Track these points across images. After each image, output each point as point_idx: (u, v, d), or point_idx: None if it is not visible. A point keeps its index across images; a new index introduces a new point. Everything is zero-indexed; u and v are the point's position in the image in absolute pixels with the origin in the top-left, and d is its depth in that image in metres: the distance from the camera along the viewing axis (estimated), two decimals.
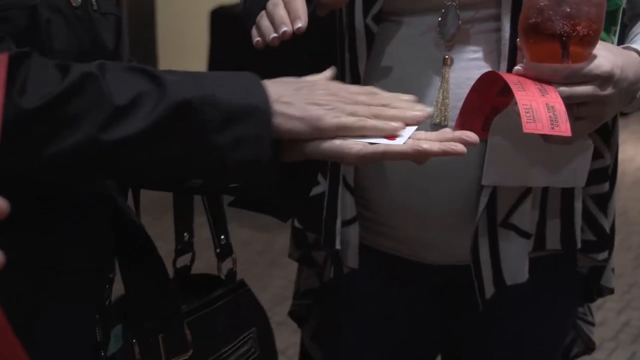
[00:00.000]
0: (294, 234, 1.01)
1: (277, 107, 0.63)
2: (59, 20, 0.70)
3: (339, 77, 0.81)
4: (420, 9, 0.86)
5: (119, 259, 0.72)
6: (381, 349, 1.00)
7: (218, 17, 3.15)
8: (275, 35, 0.77)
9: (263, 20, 0.80)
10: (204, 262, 0.85)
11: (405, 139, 0.62)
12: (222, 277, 0.83)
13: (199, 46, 3.31)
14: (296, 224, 1.00)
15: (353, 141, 0.62)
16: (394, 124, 0.62)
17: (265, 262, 2.59)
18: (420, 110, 0.65)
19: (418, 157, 0.62)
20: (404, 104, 0.66)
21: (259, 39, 0.79)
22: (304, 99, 0.65)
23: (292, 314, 1.08)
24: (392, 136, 0.62)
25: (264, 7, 0.81)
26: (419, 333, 1.00)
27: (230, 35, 2.65)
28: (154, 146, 0.59)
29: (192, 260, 0.83)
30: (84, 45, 0.70)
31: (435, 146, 0.62)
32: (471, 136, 0.64)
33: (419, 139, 0.62)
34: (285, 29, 0.76)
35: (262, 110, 0.63)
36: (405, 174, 0.87)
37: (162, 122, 0.58)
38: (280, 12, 0.78)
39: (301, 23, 0.77)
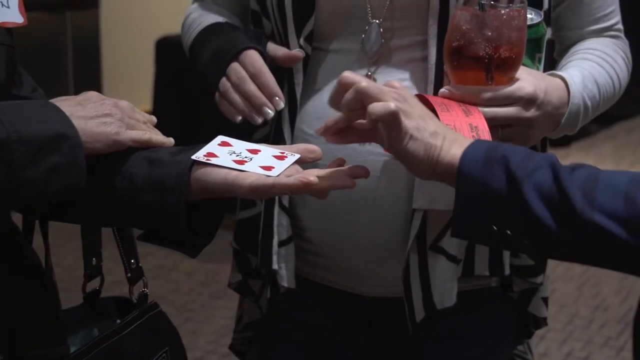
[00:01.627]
0: (235, 256, 1.04)
1: (78, 124, 0.67)
2: None
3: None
4: (348, 31, 0.89)
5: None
6: None
7: (163, 46, 3.21)
8: (258, 116, 0.87)
9: (233, 95, 0.88)
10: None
11: (280, 170, 0.66)
12: (134, 300, 0.84)
13: (144, 76, 3.31)
14: (234, 245, 1.02)
15: (247, 173, 0.65)
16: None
17: (209, 292, 2.59)
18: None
19: (306, 190, 0.64)
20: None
21: (240, 117, 0.88)
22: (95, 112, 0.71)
23: (233, 347, 1.09)
24: (268, 167, 0.66)
25: (222, 69, 0.88)
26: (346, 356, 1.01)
27: (175, 64, 2.70)
28: None
29: (102, 284, 0.84)
30: None
31: (325, 182, 0.65)
32: (361, 171, 0.67)
33: (308, 173, 0.65)
34: (269, 111, 0.86)
35: (70, 136, 0.66)
36: (335, 201, 0.86)
37: None
38: (252, 89, 0.86)
39: (282, 102, 0.88)
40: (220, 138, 0.72)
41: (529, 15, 0.86)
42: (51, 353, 0.73)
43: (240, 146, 0.70)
